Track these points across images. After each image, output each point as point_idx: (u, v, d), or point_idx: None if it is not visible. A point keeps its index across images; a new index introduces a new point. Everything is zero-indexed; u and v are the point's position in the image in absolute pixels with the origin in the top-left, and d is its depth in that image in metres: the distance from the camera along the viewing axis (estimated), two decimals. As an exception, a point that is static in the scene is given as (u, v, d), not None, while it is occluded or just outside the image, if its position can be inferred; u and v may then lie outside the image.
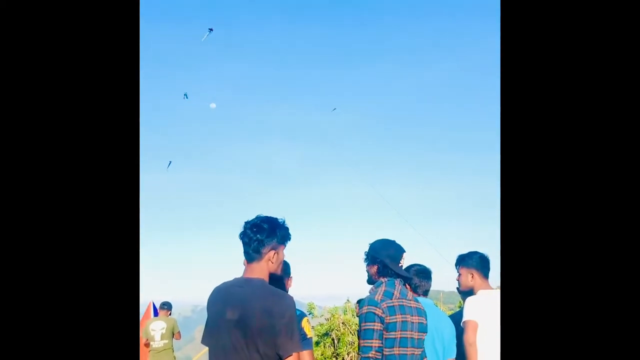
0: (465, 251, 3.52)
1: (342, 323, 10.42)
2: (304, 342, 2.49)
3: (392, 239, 2.90)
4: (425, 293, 3.38)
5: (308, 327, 2.57)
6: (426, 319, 2.82)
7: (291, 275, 2.98)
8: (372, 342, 2.53)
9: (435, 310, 3.25)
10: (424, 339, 2.79)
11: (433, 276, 3.45)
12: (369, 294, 2.74)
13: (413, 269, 3.34)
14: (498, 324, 3.10)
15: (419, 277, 3.34)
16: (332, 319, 10.50)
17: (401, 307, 2.66)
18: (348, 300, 11.33)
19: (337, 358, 9.95)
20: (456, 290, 3.65)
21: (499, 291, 3.25)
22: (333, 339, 10.30)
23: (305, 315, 2.61)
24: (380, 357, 2.54)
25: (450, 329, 3.26)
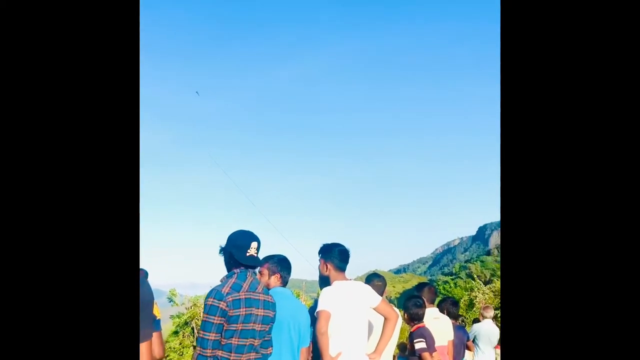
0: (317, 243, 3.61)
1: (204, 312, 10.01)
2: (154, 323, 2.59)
3: (248, 230, 2.92)
4: (285, 283, 3.43)
5: (157, 309, 2.70)
6: (274, 311, 2.90)
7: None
8: (209, 335, 2.63)
9: (293, 300, 3.34)
10: (267, 330, 2.87)
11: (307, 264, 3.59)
12: (219, 283, 2.78)
13: (274, 258, 3.38)
14: (352, 314, 3.25)
15: (280, 267, 3.38)
16: (193, 307, 10.12)
17: (247, 300, 2.71)
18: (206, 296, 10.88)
19: (195, 348, 9.59)
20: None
21: (353, 282, 3.44)
22: (193, 328, 10.00)
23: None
24: (208, 354, 2.63)
25: (306, 318, 3.34)
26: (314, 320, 3.32)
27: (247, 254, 2.81)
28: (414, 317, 4.28)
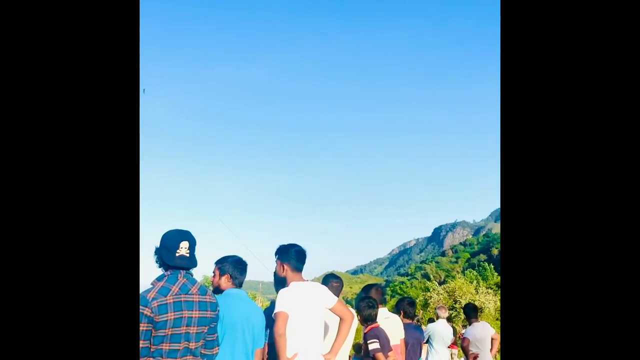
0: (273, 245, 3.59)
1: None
2: None
3: (183, 229, 2.84)
4: (240, 284, 3.42)
5: None
6: (214, 310, 2.84)
7: None
8: (140, 342, 2.51)
9: (247, 301, 3.33)
10: (208, 331, 2.81)
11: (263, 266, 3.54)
12: (149, 287, 2.68)
13: (229, 260, 3.37)
14: (308, 315, 3.24)
15: (234, 269, 3.36)
16: None
17: (177, 303, 2.63)
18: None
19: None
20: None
21: (310, 283, 3.44)
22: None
23: None
24: None
25: (260, 320, 3.34)
26: (271, 321, 3.27)
27: (177, 255, 2.71)
28: (367, 318, 4.34)
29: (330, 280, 4.25)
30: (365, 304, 4.40)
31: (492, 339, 6.32)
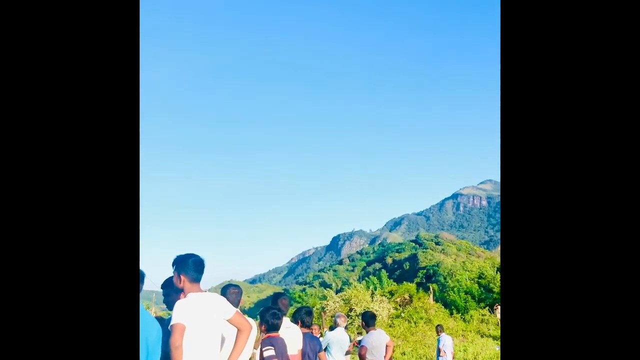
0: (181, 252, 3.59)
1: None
2: None
3: None
4: None
5: None
6: None
7: None
8: None
9: (142, 313, 3.26)
10: None
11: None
12: None
13: None
14: (206, 327, 3.22)
15: None
16: None
17: None
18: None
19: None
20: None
21: (209, 294, 3.45)
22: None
23: None
24: None
25: (156, 332, 3.28)
26: (168, 332, 3.18)
27: None
28: (271, 327, 4.35)
29: (229, 288, 4.24)
30: (271, 314, 4.40)
31: (386, 346, 6.49)
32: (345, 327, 6.91)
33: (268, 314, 4.39)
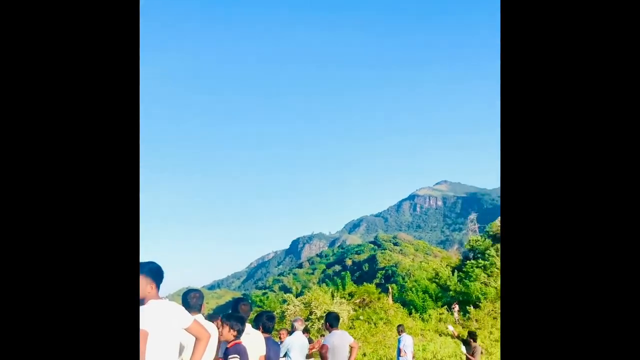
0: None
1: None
2: None
3: None
4: None
5: None
6: None
7: None
8: None
9: None
10: None
11: None
12: None
13: None
14: (166, 335, 3.21)
15: None
16: None
17: None
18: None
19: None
20: None
21: (168, 301, 3.43)
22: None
23: None
24: None
25: None
26: None
27: None
28: (240, 334, 4.28)
29: (190, 293, 4.25)
30: (235, 319, 4.32)
31: (351, 347, 6.53)
32: (306, 330, 6.90)
33: (232, 320, 4.30)
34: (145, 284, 3.26)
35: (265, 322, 5.17)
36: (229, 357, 4.13)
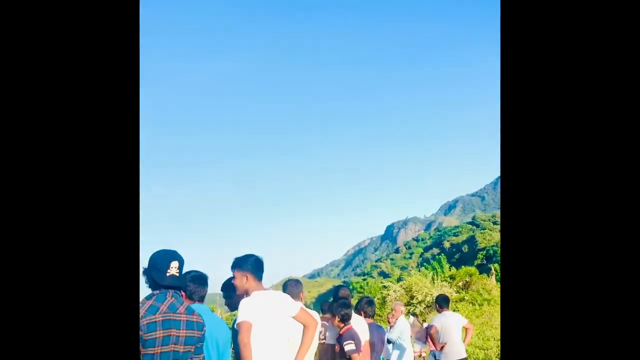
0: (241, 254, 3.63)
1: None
2: None
3: (170, 249, 2.90)
4: (201, 299, 3.46)
5: None
6: (200, 331, 2.87)
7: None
8: None
9: (210, 315, 3.33)
10: (195, 350, 2.84)
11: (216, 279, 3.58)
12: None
13: (188, 275, 3.37)
14: (272, 324, 3.28)
15: (194, 284, 3.41)
16: None
17: (166, 322, 2.68)
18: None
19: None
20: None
21: (272, 291, 3.51)
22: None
23: None
24: None
25: (225, 334, 3.39)
26: (235, 332, 3.27)
27: (168, 274, 2.76)
28: (344, 318, 4.33)
29: (289, 282, 4.33)
30: (340, 304, 4.39)
31: (465, 329, 6.45)
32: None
33: (337, 304, 4.37)
34: (240, 277, 3.39)
35: (365, 307, 5.21)
36: (344, 343, 4.15)
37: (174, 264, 2.79)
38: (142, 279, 2.80)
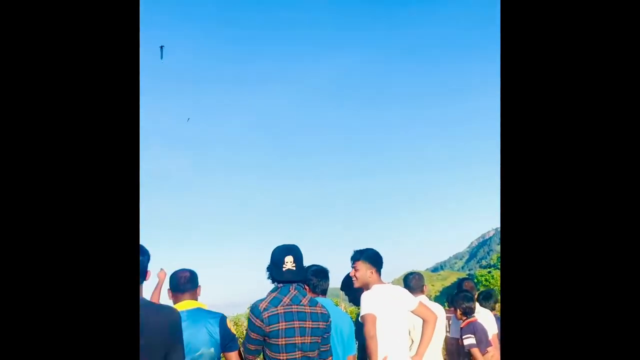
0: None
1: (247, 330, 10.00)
2: (233, 342, 2.89)
3: (288, 244, 2.94)
4: (324, 292, 3.50)
5: (232, 326, 2.87)
6: (325, 322, 2.88)
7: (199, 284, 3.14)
8: (249, 346, 2.80)
9: (334, 308, 3.33)
10: (320, 342, 2.86)
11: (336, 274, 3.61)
12: (263, 297, 2.85)
13: (311, 269, 3.42)
14: (394, 318, 3.28)
15: (317, 277, 3.45)
16: (235, 327, 10.18)
17: (288, 314, 2.73)
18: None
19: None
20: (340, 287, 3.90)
21: (392, 285, 3.48)
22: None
23: (225, 316, 2.90)
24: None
25: (349, 327, 3.39)
26: (359, 325, 3.32)
27: (283, 269, 2.82)
28: (466, 311, 4.23)
29: (410, 275, 4.33)
30: (462, 297, 4.29)
31: None
32: None
33: (460, 297, 4.28)
34: (365, 270, 3.44)
35: (481, 302, 4.96)
36: (464, 337, 4.07)
37: (289, 259, 2.85)
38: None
